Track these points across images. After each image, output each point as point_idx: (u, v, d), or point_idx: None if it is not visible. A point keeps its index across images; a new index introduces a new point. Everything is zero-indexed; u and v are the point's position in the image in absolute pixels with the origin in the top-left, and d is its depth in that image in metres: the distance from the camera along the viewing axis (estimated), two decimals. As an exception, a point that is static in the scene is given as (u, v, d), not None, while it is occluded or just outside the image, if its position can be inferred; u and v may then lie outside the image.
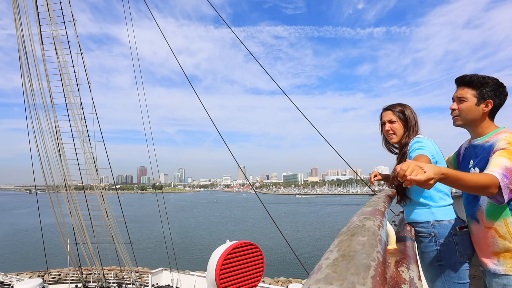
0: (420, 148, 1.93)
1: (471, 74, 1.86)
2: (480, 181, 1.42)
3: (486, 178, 1.44)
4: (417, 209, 2.08)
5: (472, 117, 1.85)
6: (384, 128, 2.30)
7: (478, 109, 1.82)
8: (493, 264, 1.75)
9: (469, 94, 1.84)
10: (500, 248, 1.72)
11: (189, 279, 13.03)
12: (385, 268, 0.53)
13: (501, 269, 1.71)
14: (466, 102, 1.85)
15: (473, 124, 1.89)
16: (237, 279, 4.74)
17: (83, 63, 10.88)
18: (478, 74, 1.84)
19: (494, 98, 1.80)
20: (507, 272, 1.69)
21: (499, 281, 1.72)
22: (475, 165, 1.87)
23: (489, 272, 1.78)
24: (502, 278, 1.71)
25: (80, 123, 11.12)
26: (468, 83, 1.85)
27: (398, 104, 2.28)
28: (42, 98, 10.70)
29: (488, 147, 1.78)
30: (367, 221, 0.75)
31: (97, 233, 11.73)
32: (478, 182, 1.41)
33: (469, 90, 1.84)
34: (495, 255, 1.74)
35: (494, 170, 1.49)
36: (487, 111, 1.82)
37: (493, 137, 1.79)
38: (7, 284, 14.16)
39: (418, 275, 1.24)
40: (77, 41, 10.81)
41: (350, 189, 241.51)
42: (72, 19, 10.76)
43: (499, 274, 1.72)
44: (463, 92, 1.86)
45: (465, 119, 1.88)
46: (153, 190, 64.15)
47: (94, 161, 11.50)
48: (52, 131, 11.01)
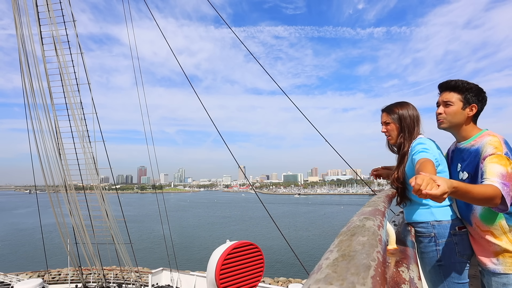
0: (423, 151, 1.88)
1: (455, 79, 1.92)
2: (486, 194, 1.45)
3: (491, 190, 1.47)
4: (417, 210, 2.08)
5: (457, 120, 1.91)
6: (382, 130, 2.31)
7: (463, 113, 1.89)
8: (492, 263, 1.76)
9: (455, 99, 1.89)
10: (498, 249, 1.74)
11: (189, 279, 13.03)
12: (385, 268, 0.54)
13: (501, 268, 1.72)
14: (452, 106, 1.90)
15: (458, 128, 1.95)
16: (237, 279, 4.74)
17: (83, 63, 10.88)
18: (461, 80, 1.90)
19: (477, 103, 1.88)
20: (507, 271, 1.70)
21: (499, 280, 1.73)
22: (463, 169, 1.93)
23: (488, 272, 1.79)
24: (501, 277, 1.72)
25: (80, 123, 11.12)
26: (454, 88, 1.91)
27: (394, 104, 2.24)
28: (42, 98, 10.70)
29: (474, 151, 1.83)
30: (367, 221, 0.75)
31: (97, 233, 11.72)
32: (484, 195, 1.44)
33: (455, 94, 1.90)
34: (494, 255, 1.76)
35: (493, 180, 1.52)
36: (471, 115, 1.89)
37: (478, 140, 1.84)
38: (7, 284, 14.15)
39: (418, 275, 1.24)
40: (77, 41, 10.81)
41: (350, 189, 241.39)
42: (72, 19, 10.75)
43: (498, 273, 1.73)
44: (449, 97, 1.91)
45: (450, 122, 1.94)
46: (153, 190, 64.18)
47: (94, 161, 11.49)
48: (52, 131, 11.00)
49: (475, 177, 1.81)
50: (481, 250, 1.84)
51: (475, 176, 1.81)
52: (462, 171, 1.93)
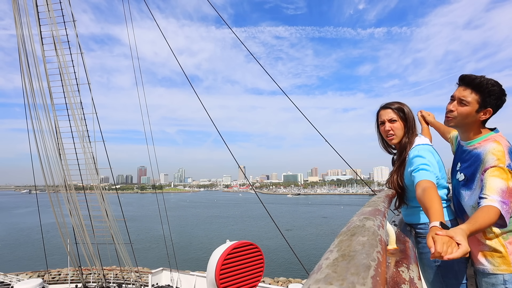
0: (424, 169, 1.75)
1: (479, 76, 1.72)
2: (491, 221, 1.43)
3: (493, 214, 1.44)
4: (415, 212, 2.08)
5: (468, 122, 1.80)
6: (382, 127, 2.15)
7: (476, 116, 1.76)
8: (481, 263, 1.77)
9: (472, 99, 1.73)
10: (487, 248, 1.74)
11: (189, 279, 13.02)
12: (385, 268, 0.54)
13: (490, 268, 1.72)
14: (467, 107, 1.75)
15: (465, 127, 1.86)
16: (237, 279, 4.74)
17: (83, 63, 10.87)
18: (487, 78, 1.70)
19: (494, 108, 1.74)
20: (495, 271, 1.70)
21: (488, 281, 1.74)
22: (461, 170, 1.89)
23: (479, 272, 1.80)
24: (490, 277, 1.73)
25: (80, 123, 11.10)
26: (475, 87, 1.72)
27: (396, 102, 2.14)
28: (42, 98, 10.70)
29: (475, 155, 1.79)
30: (367, 221, 0.75)
31: (97, 233, 11.71)
32: (490, 223, 1.44)
33: (474, 94, 1.72)
34: (483, 255, 1.76)
35: (493, 199, 1.49)
36: (484, 119, 1.77)
37: (482, 143, 1.78)
38: (7, 284, 14.15)
39: (418, 275, 1.24)
40: (77, 41, 10.81)
41: (350, 189, 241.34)
42: (72, 19, 10.74)
43: (488, 273, 1.74)
44: (466, 95, 1.74)
45: (459, 123, 1.84)
46: (153, 190, 64.13)
47: (94, 161, 11.49)
48: (52, 131, 11.00)
49: (470, 181, 1.80)
50: (472, 250, 1.83)
51: (470, 180, 1.80)
52: (460, 172, 1.89)
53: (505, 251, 1.68)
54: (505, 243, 1.69)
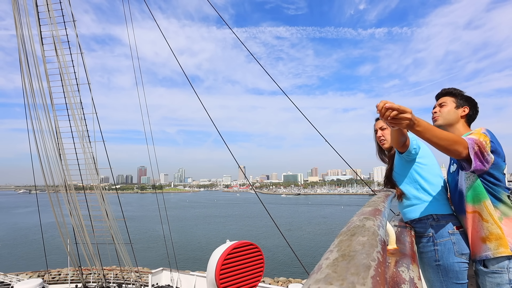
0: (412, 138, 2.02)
1: (448, 87, 2.23)
2: (450, 135, 1.58)
3: (457, 136, 1.63)
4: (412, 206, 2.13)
5: (451, 118, 2.14)
6: (376, 135, 2.49)
7: (456, 112, 2.13)
8: (482, 250, 1.81)
9: (449, 101, 2.17)
10: (486, 232, 1.80)
11: (189, 279, 13.02)
12: (385, 268, 0.54)
13: (490, 253, 1.77)
14: (446, 106, 2.17)
15: (451, 127, 2.15)
16: (237, 279, 4.73)
17: (83, 63, 10.86)
18: (455, 88, 2.20)
19: (469, 106, 2.13)
20: (495, 255, 1.74)
21: (493, 280, 1.75)
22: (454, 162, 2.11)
23: (482, 271, 1.81)
24: (495, 277, 1.74)
25: (80, 123, 11.10)
26: (448, 93, 2.21)
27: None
28: (42, 98, 10.68)
29: None
30: (367, 221, 0.75)
31: (97, 233, 11.71)
32: (448, 136, 1.57)
33: (449, 98, 2.18)
34: (483, 241, 1.81)
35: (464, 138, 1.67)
36: (464, 115, 2.12)
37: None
38: (7, 284, 14.14)
39: (418, 275, 1.24)
40: (77, 41, 10.80)
41: (350, 189, 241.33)
42: (72, 19, 10.74)
43: (492, 272, 1.75)
44: (444, 99, 2.20)
45: (445, 119, 2.15)
46: (153, 190, 64.19)
47: (94, 161, 11.48)
48: (52, 131, 10.99)
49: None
50: (473, 240, 1.88)
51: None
52: (453, 164, 2.12)
53: (501, 233, 1.75)
54: (501, 225, 1.77)
